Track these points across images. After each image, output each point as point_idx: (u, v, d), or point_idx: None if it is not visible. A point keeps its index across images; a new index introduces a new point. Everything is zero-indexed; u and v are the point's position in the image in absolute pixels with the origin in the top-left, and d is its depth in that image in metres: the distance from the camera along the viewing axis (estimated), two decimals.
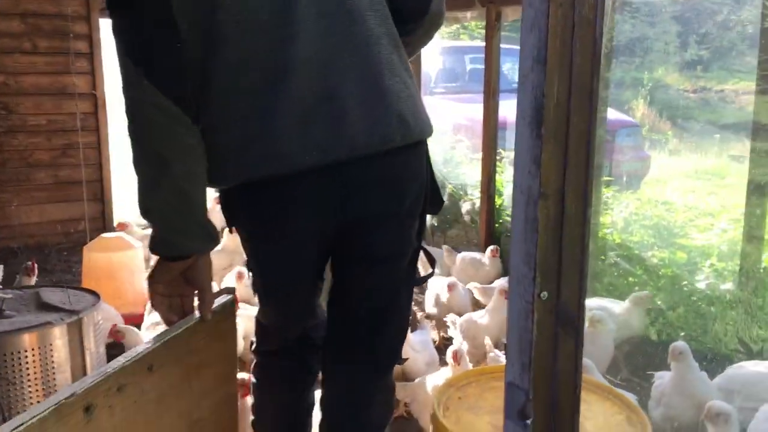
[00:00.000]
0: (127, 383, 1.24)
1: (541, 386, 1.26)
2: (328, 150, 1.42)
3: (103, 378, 1.19)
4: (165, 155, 1.35)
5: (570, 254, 1.24)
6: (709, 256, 3.21)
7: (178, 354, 1.39)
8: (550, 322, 1.23)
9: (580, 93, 1.19)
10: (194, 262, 1.42)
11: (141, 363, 1.28)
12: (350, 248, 1.60)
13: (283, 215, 1.49)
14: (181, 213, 1.39)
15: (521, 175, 1.22)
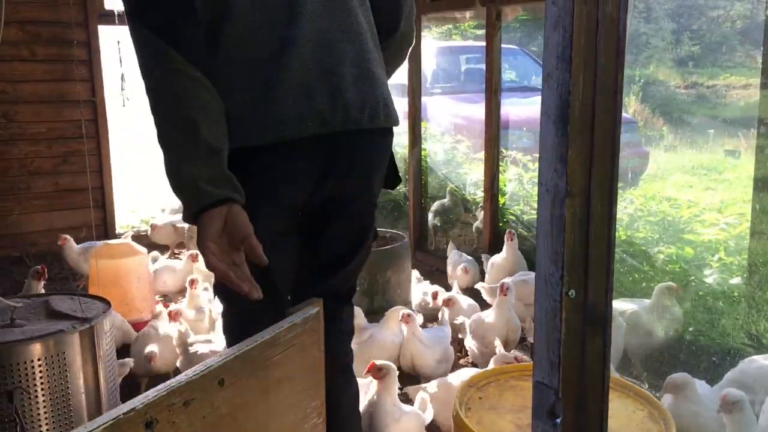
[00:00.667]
0: (194, 398, 1.18)
1: (570, 385, 1.26)
2: (326, 120, 1.56)
3: (167, 392, 1.12)
4: (194, 118, 1.44)
5: (596, 252, 1.24)
6: (717, 251, 3.22)
7: (254, 368, 1.32)
8: (578, 320, 1.23)
9: (605, 91, 1.19)
10: (228, 213, 1.44)
11: (210, 377, 1.21)
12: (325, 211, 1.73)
13: (276, 180, 1.59)
14: (212, 166, 1.45)
15: (547, 173, 1.22)
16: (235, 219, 1.44)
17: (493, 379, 1.86)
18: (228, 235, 1.44)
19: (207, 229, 1.43)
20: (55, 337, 2.24)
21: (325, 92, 1.56)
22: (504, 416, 1.67)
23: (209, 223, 1.43)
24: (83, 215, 5.30)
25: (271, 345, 1.36)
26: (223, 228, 1.44)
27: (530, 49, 9.47)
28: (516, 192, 4.60)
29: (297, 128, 1.54)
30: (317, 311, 1.48)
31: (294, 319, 1.44)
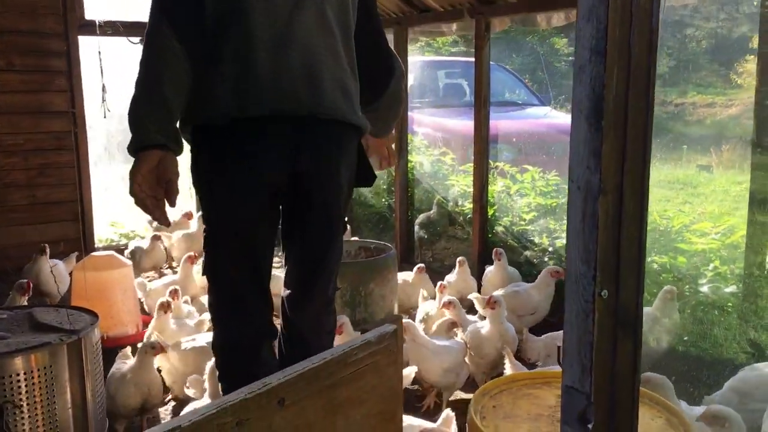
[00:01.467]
0: (249, 418, 1.09)
1: (602, 389, 1.22)
2: (303, 103, 1.85)
3: (217, 411, 1.04)
4: (162, 80, 1.77)
5: (628, 252, 1.20)
6: (711, 260, 3.22)
7: (320, 387, 1.23)
8: (610, 322, 1.19)
9: (638, 85, 1.16)
10: (163, 157, 1.74)
11: (269, 396, 1.13)
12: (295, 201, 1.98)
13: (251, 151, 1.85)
14: (163, 118, 1.77)
15: (579, 169, 1.18)
16: (166, 163, 1.74)
17: (506, 387, 1.82)
18: (157, 175, 1.74)
19: (142, 163, 1.73)
20: (42, 349, 2.15)
21: (304, 81, 1.86)
22: (520, 425, 1.62)
23: (145, 159, 1.73)
24: (60, 229, 5.17)
25: (341, 363, 1.28)
26: (155, 168, 1.73)
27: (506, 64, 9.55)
28: (504, 204, 4.59)
29: (275, 105, 1.82)
30: (394, 330, 1.40)
31: (368, 336, 1.36)
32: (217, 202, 1.94)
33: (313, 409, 1.25)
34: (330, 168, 1.95)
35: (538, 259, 4.01)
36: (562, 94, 11.25)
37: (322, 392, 1.26)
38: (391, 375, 1.42)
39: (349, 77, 1.99)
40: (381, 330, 1.39)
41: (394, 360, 1.42)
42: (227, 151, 1.86)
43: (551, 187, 4.60)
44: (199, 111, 1.86)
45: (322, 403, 1.26)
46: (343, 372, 1.31)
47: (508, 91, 8.84)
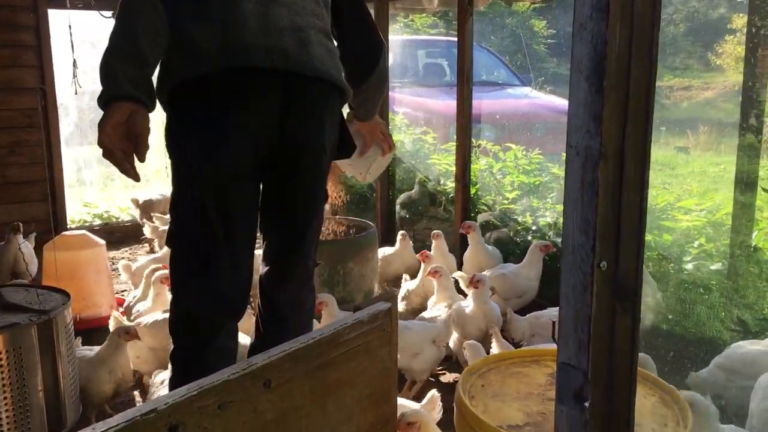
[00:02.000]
0: (232, 400, 1.03)
1: (600, 365, 1.17)
2: (290, 57, 1.79)
3: (198, 393, 0.98)
4: (138, 32, 1.70)
5: (628, 221, 1.15)
6: (696, 237, 3.19)
7: (308, 369, 1.17)
8: (608, 295, 1.14)
9: (641, 43, 1.10)
10: (134, 111, 1.65)
11: (254, 377, 1.06)
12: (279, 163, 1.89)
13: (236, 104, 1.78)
14: (137, 70, 1.69)
15: (578, 134, 1.12)
16: (137, 117, 1.66)
17: (494, 366, 1.76)
18: (127, 128, 1.65)
19: (112, 115, 1.63)
20: (10, 330, 2.05)
21: (292, 38, 1.81)
22: (510, 404, 1.57)
23: (115, 111, 1.64)
24: (32, 209, 5.02)
25: (331, 344, 1.21)
26: (125, 121, 1.64)
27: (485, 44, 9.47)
28: (487, 182, 4.53)
29: (263, 57, 1.76)
30: (389, 308, 1.33)
31: (360, 315, 1.28)
32: (192, 156, 1.81)
33: (300, 392, 1.18)
34: (317, 129, 1.89)
35: (521, 238, 3.96)
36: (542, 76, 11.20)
37: (310, 374, 1.20)
38: (384, 356, 1.36)
39: (332, 43, 1.96)
40: (374, 308, 1.32)
41: (388, 340, 1.35)
42: (211, 104, 1.78)
43: (534, 165, 4.55)
44: (184, 65, 1.77)
45: (311, 386, 1.20)
46: (334, 353, 1.24)
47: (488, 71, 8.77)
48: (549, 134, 6.12)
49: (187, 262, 1.86)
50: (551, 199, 4.18)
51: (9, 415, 2.05)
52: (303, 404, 1.17)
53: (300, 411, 1.17)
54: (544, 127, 6.31)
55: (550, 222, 3.93)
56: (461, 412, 1.54)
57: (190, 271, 1.86)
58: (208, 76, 1.76)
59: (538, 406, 1.57)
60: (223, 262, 1.84)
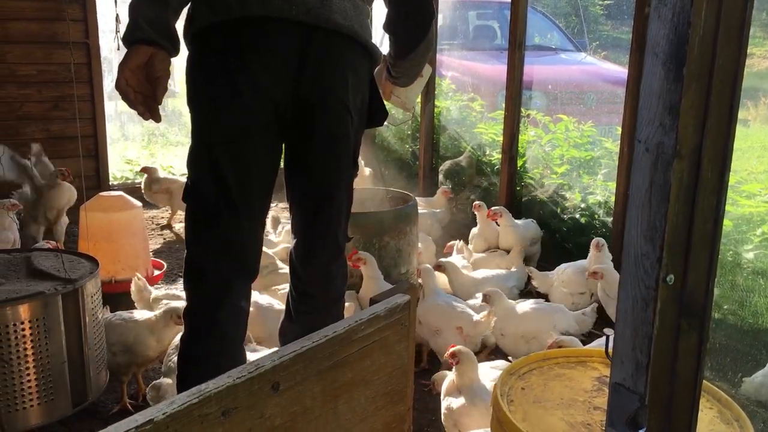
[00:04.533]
0: (236, 407, 0.95)
1: (659, 389, 1.03)
2: (309, 10, 1.71)
3: (199, 400, 0.90)
4: None
5: (701, 230, 1.00)
6: (759, 224, 2.98)
7: (319, 369, 1.08)
8: (674, 312, 1.00)
9: (731, 23, 0.94)
10: (154, 54, 1.65)
11: (261, 380, 0.98)
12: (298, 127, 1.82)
13: (252, 54, 1.73)
14: (156, 13, 1.66)
15: (650, 128, 0.97)
16: (155, 60, 1.66)
17: (536, 366, 1.64)
18: (147, 72, 1.66)
19: (131, 58, 1.64)
20: (34, 299, 2.00)
21: None
22: (553, 412, 1.45)
23: (134, 54, 1.64)
24: (74, 164, 5.02)
25: (345, 342, 1.11)
26: (146, 63, 1.65)
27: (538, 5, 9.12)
28: (535, 155, 4.34)
29: (280, 7, 1.69)
30: (407, 301, 1.22)
31: (377, 310, 1.17)
32: (205, 108, 1.80)
33: (311, 394, 1.09)
34: (337, 86, 1.79)
35: (568, 215, 3.79)
36: (597, 40, 10.79)
37: (322, 374, 1.10)
38: (402, 352, 1.26)
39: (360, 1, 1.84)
40: (391, 302, 1.21)
41: (405, 335, 1.25)
42: (225, 54, 1.74)
43: (586, 138, 4.32)
44: (202, 12, 1.75)
45: (322, 386, 1.11)
46: (347, 351, 1.15)
47: (540, 34, 8.46)
48: (603, 105, 5.85)
49: (198, 216, 1.83)
50: (602, 175, 3.98)
51: (32, 385, 2.01)
52: (313, 407, 1.08)
53: (310, 414, 1.08)
54: (597, 98, 6.04)
55: (600, 200, 3.74)
56: (498, 419, 1.42)
57: (201, 225, 1.83)
58: (224, 24, 1.72)
59: (583, 415, 1.44)
60: (233, 219, 1.81)
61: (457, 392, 2.12)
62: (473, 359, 2.16)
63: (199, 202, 1.81)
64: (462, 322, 2.73)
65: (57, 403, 2.07)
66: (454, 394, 2.11)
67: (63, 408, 2.09)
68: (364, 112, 1.90)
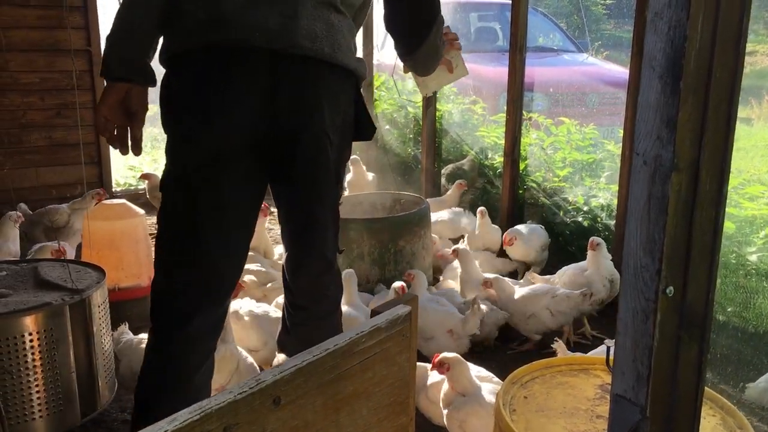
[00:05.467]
0: (237, 423, 0.95)
1: (660, 401, 1.04)
2: (272, 35, 1.66)
3: (200, 417, 0.89)
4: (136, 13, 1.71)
5: (700, 242, 1.00)
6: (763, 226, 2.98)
7: (321, 383, 1.08)
8: (674, 323, 1.01)
9: (727, 37, 0.94)
10: (129, 90, 1.72)
11: (262, 395, 0.98)
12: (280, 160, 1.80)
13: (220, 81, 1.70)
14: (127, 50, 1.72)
15: (647, 141, 0.97)
16: (132, 94, 1.72)
17: (539, 374, 1.64)
18: (125, 106, 1.73)
19: (107, 96, 1.72)
20: (42, 310, 2.01)
21: (277, 11, 1.66)
22: (555, 421, 1.45)
23: (111, 92, 1.72)
24: (77, 171, 5.05)
25: (346, 355, 1.11)
26: (122, 100, 1.72)
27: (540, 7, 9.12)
28: (537, 158, 4.34)
29: (241, 34, 1.65)
30: (408, 312, 1.22)
31: (378, 322, 1.18)
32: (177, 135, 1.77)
33: (312, 407, 1.10)
34: (312, 113, 1.74)
35: (571, 218, 3.79)
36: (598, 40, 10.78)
37: (323, 387, 1.11)
38: (403, 363, 1.26)
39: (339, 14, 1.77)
40: (393, 313, 1.22)
41: (407, 346, 1.26)
42: (195, 82, 1.72)
43: (588, 141, 4.32)
44: (173, 40, 1.75)
45: (323, 400, 1.11)
46: (348, 364, 1.15)
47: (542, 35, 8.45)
48: (605, 107, 5.85)
49: (163, 242, 1.78)
50: (605, 178, 3.98)
51: (40, 397, 2.02)
52: (315, 420, 1.09)
53: (311, 427, 1.09)
54: (599, 100, 6.03)
55: (603, 203, 3.74)
56: (501, 429, 1.42)
57: (166, 252, 1.78)
58: (193, 52, 1.71)
59: (585, 424, 1.44)
60: (202, 247, 1.75)
61: (456, 396, 2.12)
62: (463, 361, 2.16)
63: (168, 227, 1.77)
64: (452, 324, 2.76)
65: (66, 413, 2.07)
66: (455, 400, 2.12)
67: (72, 419, 2.10)
68: (347, 129, 1.86)
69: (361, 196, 4.05)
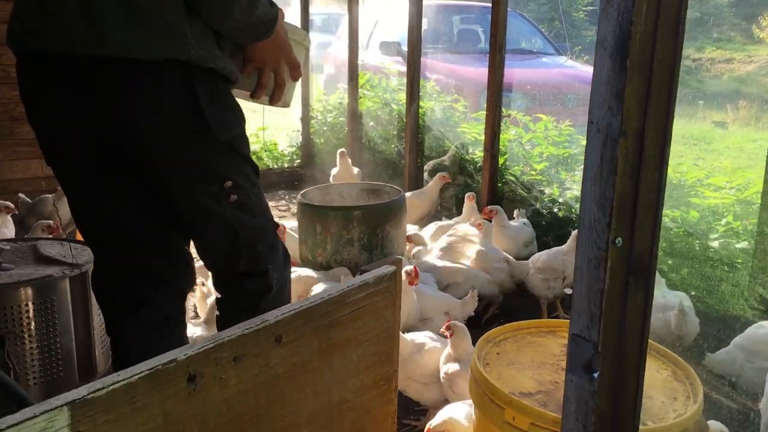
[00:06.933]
0: (245, 354, 1.09)
1: (610, 338, 1.20)
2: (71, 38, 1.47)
3: (214, 346, 1.04)
4: None
5: (646, 199, 1.16)
6: (724, 215, 3.17)
7: (316, 327, 1.22)
8: (623, 270, 1.16)
9: (668, 22, 1.10)
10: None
11: (267, 333, 1.12)
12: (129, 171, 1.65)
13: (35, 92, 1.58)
14: None
15: (599, 111, 1.13)
16: None
17: (510, 334, 1.80)
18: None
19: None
20: (44, 281, 2.14)
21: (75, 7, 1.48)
22: (524, 372, 1.61)
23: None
24: None
25: (338, 304, 1.26)
26: None
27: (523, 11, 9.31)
28: (516, 153, 4.52)
29: (37, 39, 1.51)
30: (393, 271, 1.38)
31: (366, 278, 1.33)
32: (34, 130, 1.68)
33: (309, 348, 1.25)
34: (134, 116, 1.55)
35: (547, 210, 3.96)
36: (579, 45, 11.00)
37: (318, 331, 1.26)
38: (389, 317, 1.42)
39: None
40: (380, 271, 1.38)
41: (392, 302, 1.41)
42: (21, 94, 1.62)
43: (564, 137, 4.51)
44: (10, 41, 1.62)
45: (319, 342, 1.26)
46: (341, 312, 1.30)
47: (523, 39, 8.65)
48: (581, 106, 6.05)
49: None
50: (579, 171, 4.17)
51: (41, 362, 2.15)
52: (311, 359, 1.24)
53: (308, 366, 1.24)
54: (576, 99, 6.24)
55: (577, 195, 3.92)
56: (476, 379, 1.58)
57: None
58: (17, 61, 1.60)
59: (551, 375, 1.60)
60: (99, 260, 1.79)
61: (452, 360, 2.29)
62: (465, 332, 2.35)
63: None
64: (449, 307, 2.93)
65: (65, 378, 2.20)
66: (451, 362, 2.29)
67: (70, 384, 2.22)
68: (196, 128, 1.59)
69: (330, 187, 4.22)
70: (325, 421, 1.30)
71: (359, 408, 1.37)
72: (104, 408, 0.94)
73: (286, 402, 1.21)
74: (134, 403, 0.97)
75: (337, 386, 1.31)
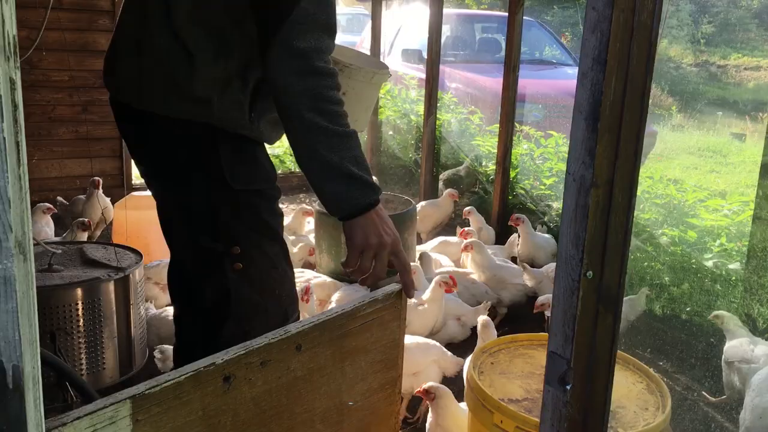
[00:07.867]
0: (271, 359, 1.28)
1: (581, 357, 1.39)
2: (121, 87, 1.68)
3: (245, 352, 1.23)
4: None
5: (614, 239, 1.36)
6: (719, 236, 3.33)
7: (331, 337, 1.40)
8: (593, 299, 1.36)
9: (634, 92, 1.30)
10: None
11: (289, 342, 1.31)
12: None
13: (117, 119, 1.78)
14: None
15: (575, 164, 1.33)
16: None
17: (504, 346, 2.01)
18: None
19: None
20: (92, 283, 2.38)
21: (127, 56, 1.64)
22: (513, 381, 1.81)
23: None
24: (100, 164, 5.42)
25: (350, 317, 1.45)
26: None
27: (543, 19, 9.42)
28: (527, 166, 4.71)
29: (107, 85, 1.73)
30: (400, 289, 1.57)
31: (376, 294, 1.53)
32: None
33: (324, 355, 1.45)
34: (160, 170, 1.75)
35: (554, 223, 4.15)
36: None
37: (333, 341, 1.45)
38: (395, 329, 1.62)
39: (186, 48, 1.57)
40: (387, 289, 1.58)
41: (398, 315, 1.62)
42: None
43: None
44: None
45: (333, 350, 1.46)
46: (352, 324, 1.49)
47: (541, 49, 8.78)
48: None
49: None
50: None
51: (85, 356, 2.39)
52: (326, 365, 1.43)
53: (323, 371, 1.43)
54: None
55: None
56: (470, 385, 1.79)
57: None
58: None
59: (537, 384, 1.80)
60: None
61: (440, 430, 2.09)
62: (449, 393, 2.13)
63: None
64: (461, 313, 3.14)
65: (107, 372, 2.44)
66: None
67: (111, 377, 2.47)
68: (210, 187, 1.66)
69: None
70: (336, 419, 1.51)
71: (366, 408, 1.57)
72: (157, 401, 1.15)
73: (304, 401, 1.40)
74: (181, 398, 1.19)
75: (347, 388, 1.50)
